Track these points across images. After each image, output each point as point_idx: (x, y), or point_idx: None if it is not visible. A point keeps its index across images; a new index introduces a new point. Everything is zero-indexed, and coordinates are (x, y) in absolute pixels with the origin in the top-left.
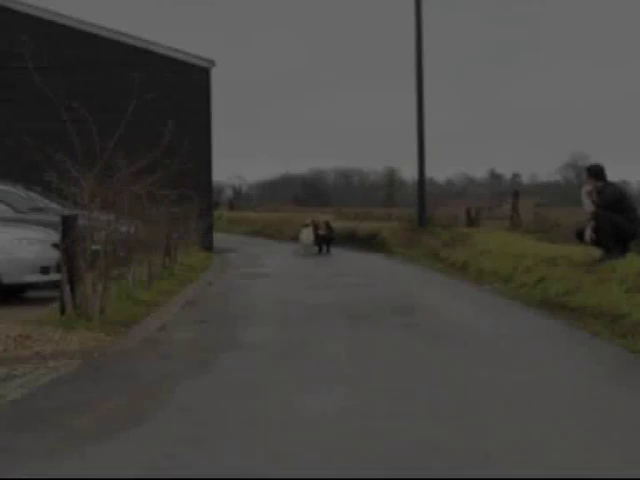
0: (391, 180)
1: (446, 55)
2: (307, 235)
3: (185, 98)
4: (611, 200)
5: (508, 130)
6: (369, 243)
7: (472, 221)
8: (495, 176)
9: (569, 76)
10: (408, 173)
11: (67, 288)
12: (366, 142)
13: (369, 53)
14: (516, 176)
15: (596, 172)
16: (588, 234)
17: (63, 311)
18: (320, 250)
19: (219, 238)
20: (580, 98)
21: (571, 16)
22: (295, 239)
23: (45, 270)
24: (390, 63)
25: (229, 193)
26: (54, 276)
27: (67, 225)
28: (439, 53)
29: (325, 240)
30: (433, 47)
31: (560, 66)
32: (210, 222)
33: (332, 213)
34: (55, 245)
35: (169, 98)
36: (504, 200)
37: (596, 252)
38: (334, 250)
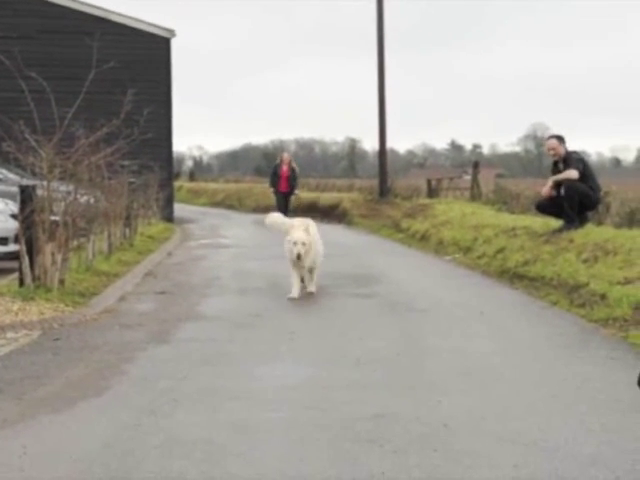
0: (352, 151)
1: (406, 26)
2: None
3: (145, 68)
4: (578, 168)
5: (469, 101)
6: (330, 214)
7: (433, 192)
8: (456, 147)
9: (529, 48)
10: (369, 144)
11: (26, 259)
12: (327, 113)
13: (331, 24)
14: (477, 147)
15: (562, 140)
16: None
17: (22, 282)
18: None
19: (179, 209)
20: (540, 70)
21: None
22: (256, 210)
23: (3, 241)
24: (352, 34)
25: (190, 164)
26: (13, 247)
27: (25, 195)
28: (400, 24)
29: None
30: (394, 17)
31: (520, 37)
32: (170, 193)
33: None
34: (14, 216)
35: (129, 68)
36: (464, 171)
37: (555, 223)
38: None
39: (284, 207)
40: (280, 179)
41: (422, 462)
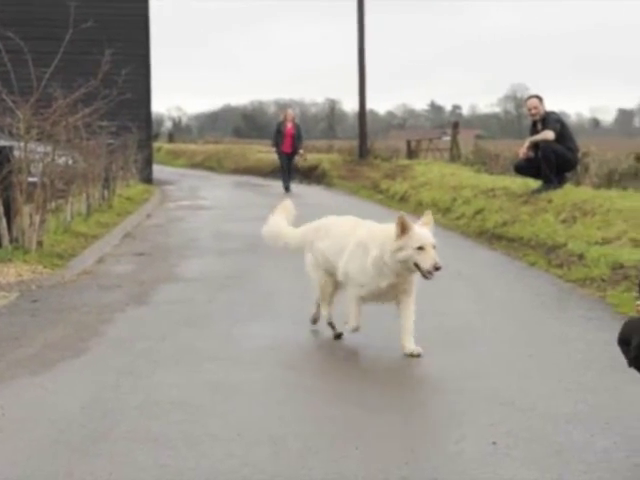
0: (332, 112)
1: None
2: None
3: (123, 27)
4: (555, 129)
5: (448, 62)
6: (310, 175)
7: (412, 153)
8: (435, 108)
9: (509, 7)
10: (349, 105)
11: (3, 221)
12: (307, 74)
13: None
14: (456, 108)
15: (541, 100)
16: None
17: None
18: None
19: (158, 170)
20: (520, 30)
21: None
22: (236, 172)
23: None
24: None
25: (168, 125)
26: None
27: (2, 157)
28: None
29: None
30: None
31: None
32: (149, 154)
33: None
34: None
35: (107, 27)
36: (444, 132)
37: (534, 183)
38: (274, 182)
39: (288, 169)
40: (285, 137)
41: (399, 420)
